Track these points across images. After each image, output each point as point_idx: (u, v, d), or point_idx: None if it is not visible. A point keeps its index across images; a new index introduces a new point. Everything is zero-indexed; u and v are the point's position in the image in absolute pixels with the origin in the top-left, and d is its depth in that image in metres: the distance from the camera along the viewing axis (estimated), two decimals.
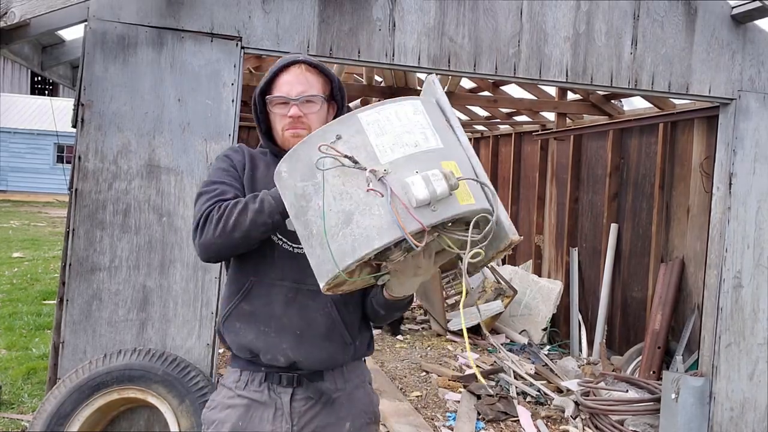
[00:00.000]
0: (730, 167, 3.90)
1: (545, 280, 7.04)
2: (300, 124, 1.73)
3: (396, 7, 3.40)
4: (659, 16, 3.70)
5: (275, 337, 1.70)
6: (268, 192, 1.61)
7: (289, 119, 1.73)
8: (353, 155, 1.33)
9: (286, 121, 1.73)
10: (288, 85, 1.74)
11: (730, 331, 3.93)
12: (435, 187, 1.28)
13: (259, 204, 1.58)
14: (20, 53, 3.66)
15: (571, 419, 4.69)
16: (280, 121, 1.75)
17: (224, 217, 1.59)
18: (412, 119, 1.42)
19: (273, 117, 1.78)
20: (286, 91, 1.74)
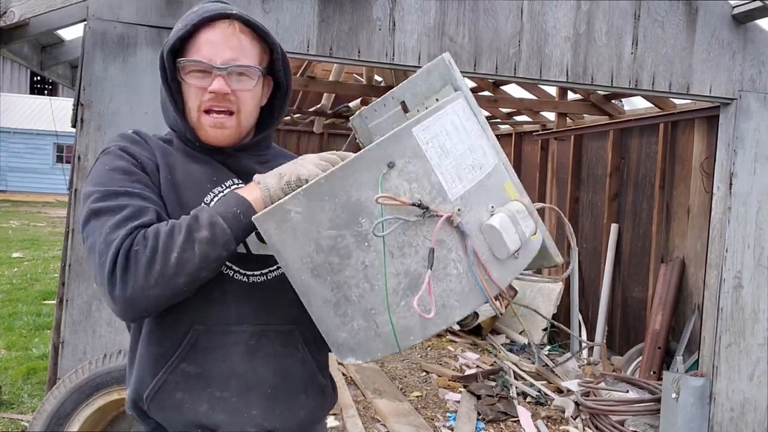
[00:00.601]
0: (731, 167, 3.89)
1: (545, 280, 7.03)
2: (225, 103, 1.28)
3: (396, 7, 3.40)
4: (660, 16, 3.70)
5: (239, 401, 1.25)
6: (209, 208, 1.19)
7: (209, 96, 1.27)
8: (415, 190, 0.99)
9: (204, 97, 1.27)
10: (212, 46, 1.26)
11: (731, 331, 3.92)
12: (523, 229, 1.03)
13: (209, 230, 1.14)
14: (20, 53, 3.66)
15: (571, 419, 4.68)
16: (195, 96, 1.28)
17: (159, 255, 1.11)
18: (467, 128, 1.10)
19: (185, 89, 1.30)
20: (208, 54, 1.26)
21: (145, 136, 1.35)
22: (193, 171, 1.32)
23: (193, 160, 1.34)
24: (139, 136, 1.35)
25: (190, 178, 1.31)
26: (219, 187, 1.32)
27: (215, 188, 1.32)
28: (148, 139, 1.35)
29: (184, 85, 1.30)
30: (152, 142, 1.34)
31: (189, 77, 1.29)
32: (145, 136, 1.35)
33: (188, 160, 1.34)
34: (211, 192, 1.31)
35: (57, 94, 25.92)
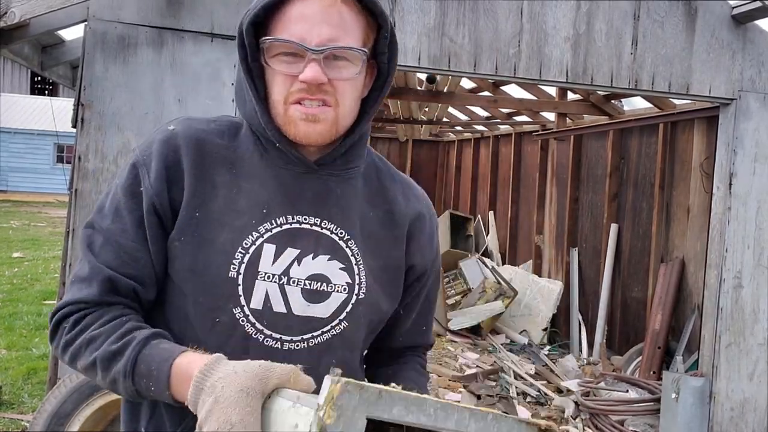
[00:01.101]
0: (731, 167, 3.90)
1: (545, 281, 7.04)
2: (320, 95, 1.00)
3: (396, 7, 3.40)
4: (659, 16, 3.70)
5: None
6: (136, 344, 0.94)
7: (300, 86, 1.00)
8: None
9: (293, 87, 1.00)
10: (305, 21, 0.99)
11: (731, 331, 3.92)
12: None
13: (118, 375, 0.93)
14: (20, 53, 3.66)
15: (571, 419, 4.69)
16: (282, 85, 1.01)
17: (68, 355, 0.99)
18: None
19: (269, 75, 1.04)
20: (300, 32, 0.99)
21: (180, 134, 1.05)
22: (248, 192, 1.05)
23: (258, 172, 1.06)
24: (176, 140, 1.05)
25: (235, 205, 1.04)
26: (269, 222, 1.04)
27: (263, 224, 1.03)
28: (185, 137, 1.05)
29: (269, 70, 1.03)
30: (186, 144, 1.05)
31: (275, 61, 1.01)
32: (179, 135, 1.05)
33: (250, 172, 1.06)
34: (254, 232, 1.03)
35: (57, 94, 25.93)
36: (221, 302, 1.02)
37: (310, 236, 1.06)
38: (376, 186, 1.17)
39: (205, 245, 1.02)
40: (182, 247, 1.02)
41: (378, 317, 1.15)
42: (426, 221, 1.21)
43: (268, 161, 1.07)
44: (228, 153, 1.07)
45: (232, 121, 1.13)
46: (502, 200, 8.79)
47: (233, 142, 1.09)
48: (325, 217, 1.07)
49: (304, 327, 1.05)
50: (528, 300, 6.98)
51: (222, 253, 1.01)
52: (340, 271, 1.07)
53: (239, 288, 1.02)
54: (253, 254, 1.03)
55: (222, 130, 1.10)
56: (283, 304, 1.04)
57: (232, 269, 1.02)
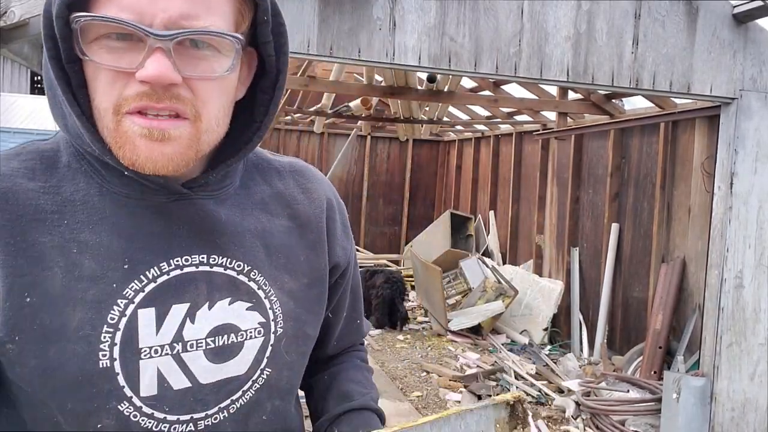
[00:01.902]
0: (732, 167, 3.89)
1: (546, 280, 7.03)
2: (170, 102, 0.71)
3: (396, 7, 3.39)
4: (660, 15, 3.70)
5: None
6: None
7: (138, 87, 0.70)
8: None
9: (128, 89, 0.70)
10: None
11: (732, 331, 3.92)
12: None
13: None
14: (20, 53, 3.66)
15: (572, 419, 4.68)
16: (110, 85, 0.71)
17: None
18: None
19: (90, 73, 0.73)
20: (136, 5, 0.68)
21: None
22: (94, 246, 0.76)
23: (102, 214, 0.77)
24: None
25: (80, 270, 0.75)
26: (137, 280, 0.77)
27: (129, 284, 0.77)
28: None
29: (88, 66, 0.72)
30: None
31: (96, 50, 0.70)
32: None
33: (90, 217, 0.76)
34: (120, 299, 0.76)
35: None
36: (98, 402, 0.76)
37: (199, 281, 0.81)
38: (267, 190, 0.92)
39: (53, 337, 0.73)
40: (20, 349, 0.72)
41: (306, 344, 0.95)
42: (335, 208, 0.99)
43: (114, 195, 0.78)
44: (48, 199, 0.76)
45: (40, 148, 0.80)
46: (503, 200, 8.79)
47: (51, 180, 0.77)
48: (213, 252, 0.82)
49: (219, 394, 0.84)
50: (528, 300, 6.98)
51: (81, 341, 0.74)
52: (248, 312, 0.85)
53: (119, 378, 0.76)
54: (126, 329, 0.76)
55: (31, 168, 0.77)
56: (185, 377, 0.81)
57: (102, 357, 0.75)
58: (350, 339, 1.12)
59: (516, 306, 6.94)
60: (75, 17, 0.68)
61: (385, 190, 11.26)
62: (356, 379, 1.07)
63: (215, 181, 0.83)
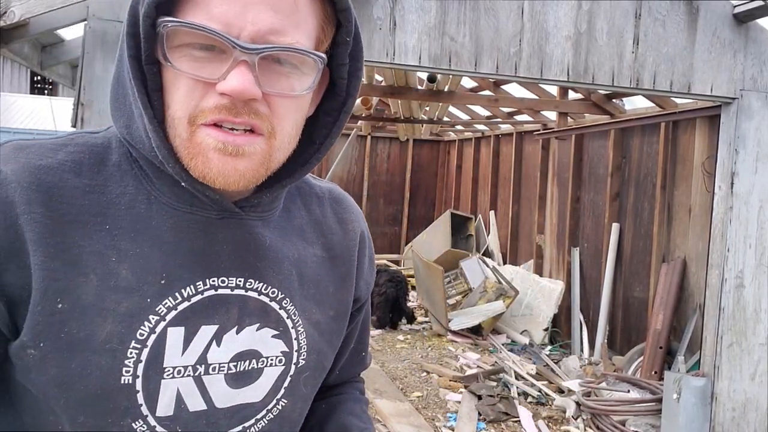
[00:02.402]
0: (732, 167, 3.88)
1: (546, 280, 7.03)
2: (248, 117, 0.69)
3: (397, 6, 3.39)
4: (661, 15, 3.69)
5: None
6: None
7: (218, 100, 0.68)
8: None
9: (206, 101, 0.69)
10: (233, 2, 0.67)
11: (732, 331, 3.91)
12: None
13: None
14: (20, 53, 3.65)
15: (572, 419, 4.68)
16: (190, 93, 0.69)
17: None
18: None
19: (168, 79, 0.71)
20: (224, 16, 0.67)
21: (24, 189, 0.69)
22: (134, 257, 0.73)
23: (146, 224, 0.74)
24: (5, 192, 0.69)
25: (116, 280, 0.72)
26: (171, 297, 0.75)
27: (163, 301, 0.74)
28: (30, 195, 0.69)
29: (168, 71, 0.70)
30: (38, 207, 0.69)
31: (179, 57, 0.69)
32: (22, 189, 0.69)
33: (134, 225, 0.74)
34: (152, 315, 0.73)
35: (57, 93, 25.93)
36: (113, 418, 0.73)
37: (231, 304, 0.78)
38: (306, 216, 0.90)
39: (78, 347, 0.70)
40: (42, 356, 0.69)
41: (322, 377, 0.93)
42: (366, 242, 0.98)
43: (161, 205, 0.75)
44: (93, 199, 0.72)
45: (89, 141, 0.76)
46: (503, 200, 8.78)
47: (97, 178, 0.74)
48: (251, 276, 0.80)
49: (233, 420, 0.81)
50: (529, 300, 6.97)
51: (107, 354, 0.71)
52: (273, 339, 0.83)
53: (138, 396, 0.73)
54: (154, 346, 0.73)
55: (79, 161, 0.74)
56: (202, 400, 0.78)
57: (125, 373, 0.72)
58: (353, 370, 1.10)
59: (516, 306, 6.94)
60: (163, 21, 0.67)
61: (385, 190, 11.26)
62: (355, 412, 1.04)
63: (267, 202, 0.81)
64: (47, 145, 0.74)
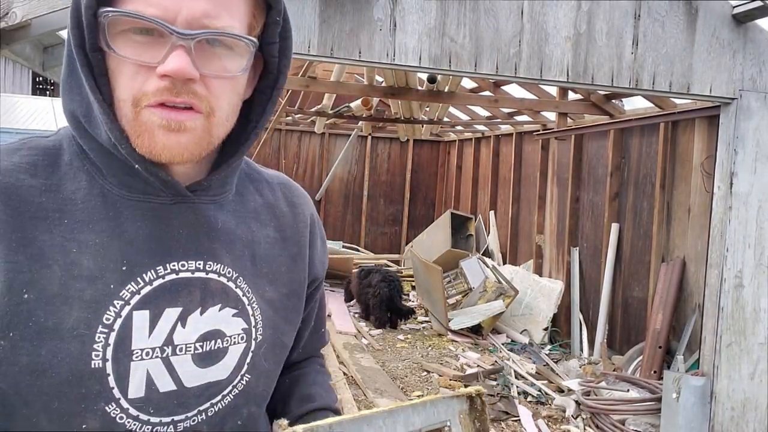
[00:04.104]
0: (731, 167, 3.90)
1: (546, 280, 7.04)
2: (187, 96, 0.74)
3: (397, 7, 3.40)
4: (660, 15, 3.71)
5: None
6: None
7: (158, 82, 0.73)
8: None
9: (148, 84, 0.74)
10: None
11: (731, 330, 3.92)
12: None
13: None
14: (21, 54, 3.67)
15: (572, 419, 4.69)
16: (132, 77, 0.74)
17: None
18: None
19: (113, 66, 0.75)
20: (161, 3, 0.72)
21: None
22: (94, 246, 0.76)
23: (103, 214, 0.78)
24: None
25: (78, 269, 0.75)
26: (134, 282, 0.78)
27: (126, 286, 0.78)
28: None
29: (111, 58, 0.75)
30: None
31: (122, 44, 0.73)
32: None
33: (90, 217, 0.77)
34: (116, 300, 0.77)
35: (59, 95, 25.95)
36: (85, 403, 0.75)
37: (194, 287, 0.82)
38: (259, 200, 0.95)
39: (47, 335, 0.72)
40: (12, 346, 0.71)
41: (282, 353, 0.97)
42: (317, 224, 1.04)
43: (115, 196, 0.79)
44: (50, 197, 0.76)
45: (42, 144, 0.80)
46: (503, 200, 8.80)
47: (52, 177, 0.78)
48: (210, 258, 0.84)
49: (201, 398, 0.84)
50: (529, 299, 6.99)
51: (75, 340, 0.74)
52: (234, 318, 0.87)
53: (109, 379, 0.76)
54: (121, 330, 0.77)
55: (33, 163, 0.78)
56: (171, 380, 0.81)
57: (95, 357, 0.75)
58: (314, 347, 1.15)
59: (516, 306, 6.95)
60: (103, 12, 0.72)
61: (385, 190, 11.27)
62: (318, 382, 1.09)
63: (217, 184, 0.86)
64: (1, 150, 0.78)
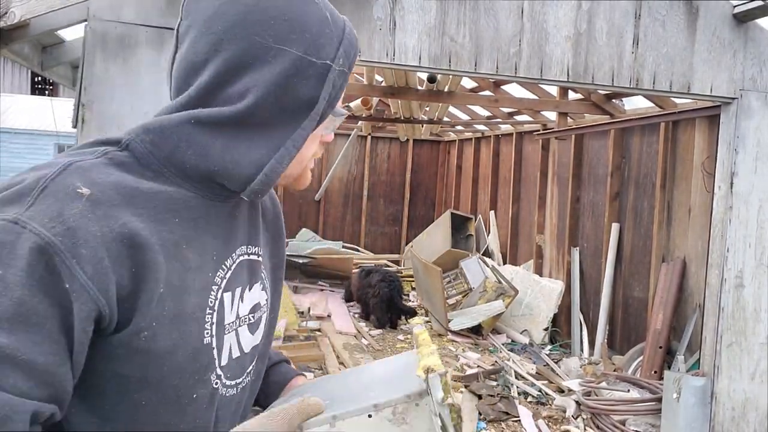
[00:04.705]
0: (732, 166, 3.89)
1: (546, 280, 7.03)
2: None
3: (397, 7, 3.39)
4: (660, 15, 3.70)
5: None
6: None
7: (322, 146, 1.01)
8: None
9: (319, 151, 1.00)
10: None
11: (732, 330, 3.92)
12: None
13: None
14: (20, 53, 3.66)
15: (572, 419, 4.68)
16: (316, 144, 0.98)
17: None
18: None
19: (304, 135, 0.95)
20: None
21: (122, 199, 0.81)
22: (194, 241, 0.89)
23: (193, 213, 0.90)
24: (107, 205, 0.79)
25: (189, 262, 0.87)
26: (221, 269, 0.94)
27: (218, 273, 0.93)
28: (127, 203, 0.81)
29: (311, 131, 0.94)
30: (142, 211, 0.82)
31: (324, 125, 0.96)
32: (122, 198, 0.81)
33: (189, 215, 0.89)
34: (213, 286, 0.91)
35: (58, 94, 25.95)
36: (198, 375, 0.88)
37: (244, 267, 0.98)
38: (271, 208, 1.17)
39: (176, 321, 0.84)
40: (153, 334, 0.81)
41: (277, 317, 1.13)
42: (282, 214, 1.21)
43: (201, 199, 0.90)
44: (162, 198, 0.86)
45: (126, 156, 0.87)
46: (503, 200, 8.79)
47: (155, 183, 0.87)
48: (250, 242, 1.01)
49: (248, 359, 1.00)
50: (529, 300, 6.98)
51: (194, 322, 0.87)
52: (262, 291, 1.04)
53: (214, 351, 0.91)
54: (218, 310, 0.92)
55: (140, 170, 0.86)
56: (237, 348, 0.97)
57: (206, 335, 0.89)
58: None
59: (516, 306, 6.95)
60: (340, 110, 0.97)
61: (385, 190, 11.26)
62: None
63: None
64: (99, 165, 0.83)
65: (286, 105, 0.87)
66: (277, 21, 0.86)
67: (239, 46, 0.85)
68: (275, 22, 0.85)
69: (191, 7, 0.88)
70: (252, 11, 0.85)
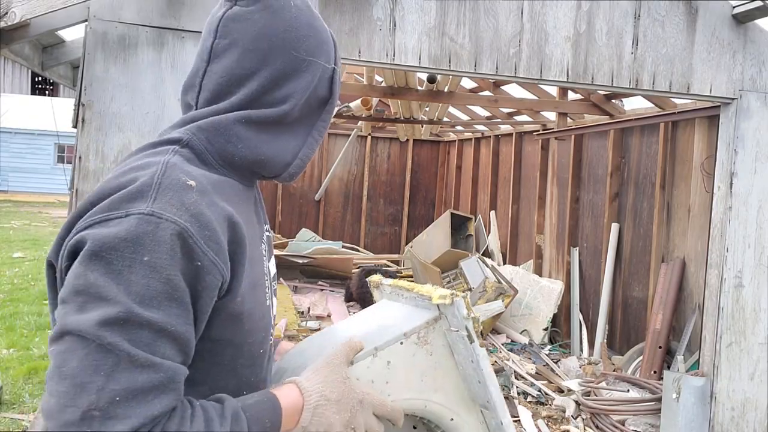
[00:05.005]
0: (731, 167, 3.89)
1: (546, 280, 7.04)
2: None
3: (396, 7, 3.40)
4: (660, 15, 3.70)
5: None
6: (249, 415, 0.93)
7: None
8: None
9: None
10: None
11: (731, 330, 3.92)
12: None
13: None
14: (21, 53, 3.67)
15: (572, 419, 4.69)
16: None
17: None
18: None
19: None
20: None
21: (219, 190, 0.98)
22: (249, 220, 1.07)
23: (242, 197, 1.07)
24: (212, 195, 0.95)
25: (251, 238, 1.04)
26: (263, 243, 1.13)
27: (262, 246, 1.11)
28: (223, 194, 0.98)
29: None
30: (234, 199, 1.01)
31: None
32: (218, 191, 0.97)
33: (241, 198, 1.06)
34: (263, 256, 1.11)
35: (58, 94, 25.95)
36: (265, 332, 1.07)
37: (265, 242, 1.15)
38: None
39: (255, 287, 1.02)
40: (243, 298, 0.97)
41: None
42: None
43: (241, 186, 1.07)
44: (228, 185, 1.03)
45: (186, 156, 1.01)
46: (503, 200, 8.79)
47: (222, 176, 1.03)
48: (266, 221, 1.21)
49: (273, 321, 1.15)
50: (529, 300, 6.98)
51: (261, 287, 1.06)
52: (273, 263, 1.20)
53: (271, 312, 1.11)
54: (268, 277, 1.11)
55: (201, 164, 1.02)
56: (270, 310, 1.12)
57: (267, 299, 1.08)
58: None
59: (516, 306, 6.95)
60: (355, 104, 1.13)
61: (385, 190, 11.26)
62: None
63: None
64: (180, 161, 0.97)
65: (312, 103, 1.09)
66: (308, 38, 1.06)
67: (282, 60, 1.03)
68: (306, 39, 1.06)
69: (230, 28, 1.03)
70: (288, 30, 1.04)
